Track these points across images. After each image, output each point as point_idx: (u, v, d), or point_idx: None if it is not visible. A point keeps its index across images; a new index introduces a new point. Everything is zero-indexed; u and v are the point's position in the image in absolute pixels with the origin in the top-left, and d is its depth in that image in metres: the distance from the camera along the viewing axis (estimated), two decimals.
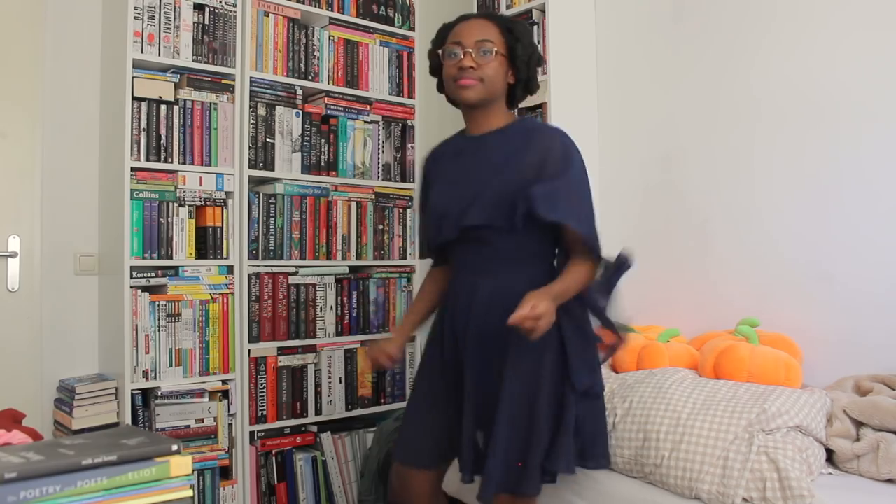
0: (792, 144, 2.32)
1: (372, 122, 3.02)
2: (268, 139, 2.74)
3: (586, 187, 1.74)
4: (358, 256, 2.95)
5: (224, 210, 2.63)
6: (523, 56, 1.77)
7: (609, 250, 2.89)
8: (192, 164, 2.57)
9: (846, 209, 2.19)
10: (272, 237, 2.74)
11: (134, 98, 2.44)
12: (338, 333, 2.88)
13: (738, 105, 2.46)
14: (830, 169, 2.22)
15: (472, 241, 1.76)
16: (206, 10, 2.60)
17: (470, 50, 1.73)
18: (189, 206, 2.56)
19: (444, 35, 1.83)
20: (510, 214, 1.67)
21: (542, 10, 2.76)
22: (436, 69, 1.87)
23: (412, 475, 1.86)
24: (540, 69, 1.88)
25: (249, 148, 2.69)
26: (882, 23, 2.12)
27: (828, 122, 2.23)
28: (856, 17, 2.17)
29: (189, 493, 1.03)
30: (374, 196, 3.01)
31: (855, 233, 2.16)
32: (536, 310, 1.49)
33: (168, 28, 2.51)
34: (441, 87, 1.88)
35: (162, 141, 2.50)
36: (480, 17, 1.83)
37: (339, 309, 2.89)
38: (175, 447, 1.03)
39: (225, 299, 2.62)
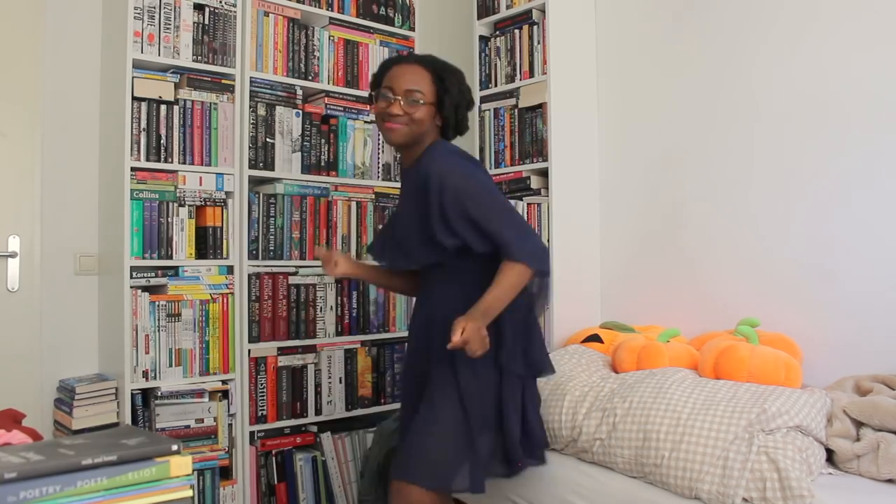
0: (792, 145, 2.32)
1: (372, 122, 3.02)
2: (268, 139, 2.74)
3: (486, 198, 1.84)
4: (358, 256, 2.95)
5: (224, 210, 2.63)
6: (450, 106, 1.92)
7: (610, 250, 2.90)
8: (192, 164, 2.57)
9: (846, 209, 2.19)
10: (272, 237, 2.74)
11: (134, 98, 2.44)
12: (338, 333, 2.88)
13: (739, 105, 2.46)
14: (831, 169, 2.22)
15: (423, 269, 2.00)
16: (206, 10, 2.60)
17: (399, 98, 1.86)
18: (189, 206, 2.56)
19: (381, 74, 1.95)
20: (428, 251, 1.87)
21: (542, 10, 2.77)
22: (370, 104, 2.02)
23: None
24: (470, 111, 2.02)
25: (249, 148, 2.69)
26: (883, 23, 2.12)
27: (827, 122, 2.23)
28: (856, 17, 2.17)
29: (189, 493, 1.03)
30: (374, 196, 3.01)
31: (855, 233, 2.16)
32: (465, 334, 1.66)
33: (168, 28, 2.51)
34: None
35: (162, 141, 2.50)
36: (414, 62, 1.92)
37: (339, 309, 2.89)
38: (175, 447, 1.03)
39: (225, 299, 2.62)
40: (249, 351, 2.66)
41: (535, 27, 2.79)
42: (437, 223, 1.81)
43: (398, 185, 3.07)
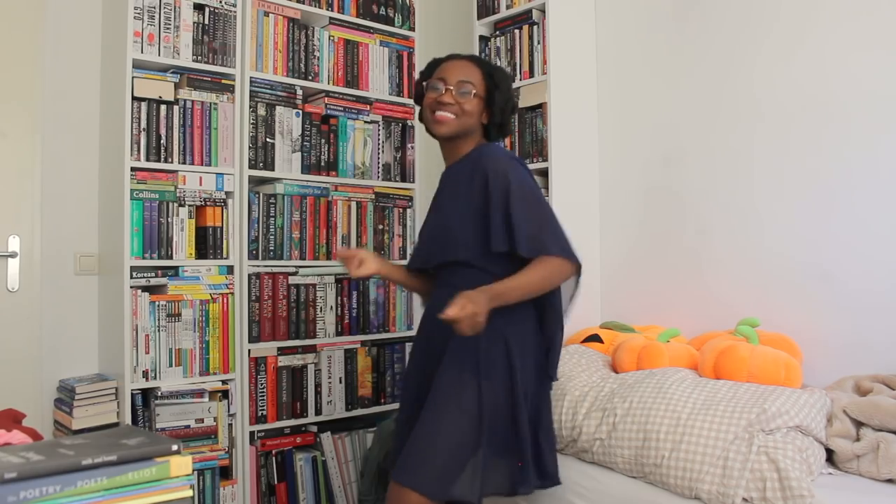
0: (792, 145, 2.32)
1: (372, 122, 3.03)
2: (268, 139, 2.74)
3: (536, 202, 1.83)
4: None
5: (224, 210, 2.63)
6: (500, 102, 1.92)
7: (610, 250, 2.91)
8: (192, 164, 2.57)
9: (847, 209, 2.19)
10: (272, 237, 2.74)
11: (134, 98, 2.44)
12: (338, 333, 2.88)
13: (739, 106, 2.46)
14: (831, 169, 2.22)
15: (445, 267, 1.92)
16: (206, 10, 2.60)
17: (451, 87, 1.87)
18: (189, 206, 2.56)
19: (432, 69, 1.96)
20: (472, 248, 1.83)
21: (542, 10, 2.77)
22: (420, 98, 1.98)
23: None
24: (514, 116, 2.08)
25: (249, 148, 2.69)
26: (883, 23, 2.12)
27: (827, 122, 2.23)
28: (856, 17, 2.17)
29: (189, 493, 1.03)
30: (374, 196, 3.01)
31: (855, 233, 2.16)
32: (465, 310, 1.60)
33: (168, 28, 2.51)
34: (422, 117, 1.99)
35: (162, 141, 2.50)
36: (467, 59, 1.95)
37: (339, 309, 2.89)
38: (175, 447, 1.03)
39: (225, 299, 2.62)
40: (249, 351, 2.66)
41: (535, 27, 2.79)
42: (496, 220, 1.77)
43: (398, 185, 3.07)
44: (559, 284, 1.83)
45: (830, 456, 1.79)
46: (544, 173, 2.74)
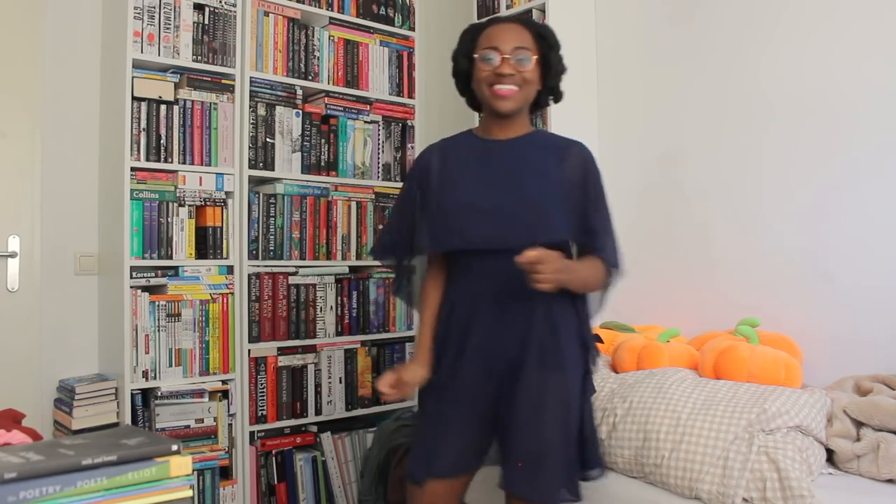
0: (792, 143, 2.31)
1: (372, 122, 3.03)
2: (268, 139, 2.74)
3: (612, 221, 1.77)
4: (358, 256, 2.95)
5: (224, 210, 2.63)
6: (557, 65, 1.74)
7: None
8: (192, 164, 2.57)
9: (847, 209, 2.19)
10: (272, 237, 2.74)
11: (134, 98, 2.44)
12: (338, 333, 2.88)
13: (739, 105, 2.46)
14: (831, 168, 2.22)
15: (501, 251, 1.61)
16: (206, 9, 2.60)
17: (508, 56, 1.65)
18: (189, 206, 2.56)
19: (474, 37, 1.72)
20: (566, 233, 1.68)
21: (542, 10, 2.76)
22: (462, 72, 1.76)
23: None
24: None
25: (249, 148, 2.69)
26: (887, 22, 2.12)
27: (828, 120, 2.23)
28: (860, 15, 2.17)
29: (189, 493, 1.03)
30: (374, 196, 3.01)
31: (856, 233, 2.16)
32: (547, 262, 1.47)
33: (168, 28, 2.51)
34: (464, 90, 1.80)
35: (162, 141, 2.50)
36: (515, 22, 1.73)
37: (339, 309, 2.89)
38: (175, 447, 1.03)
39: (225, 299, 2.62)
40: (249, 351, 2.66)
41: None
42: (591, 208, 1.71)
43: (398, 185, 3.07)
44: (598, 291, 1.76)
45: (830, 456, 1.79)
46: None
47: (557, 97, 1.83)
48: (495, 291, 1.65)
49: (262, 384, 2.69)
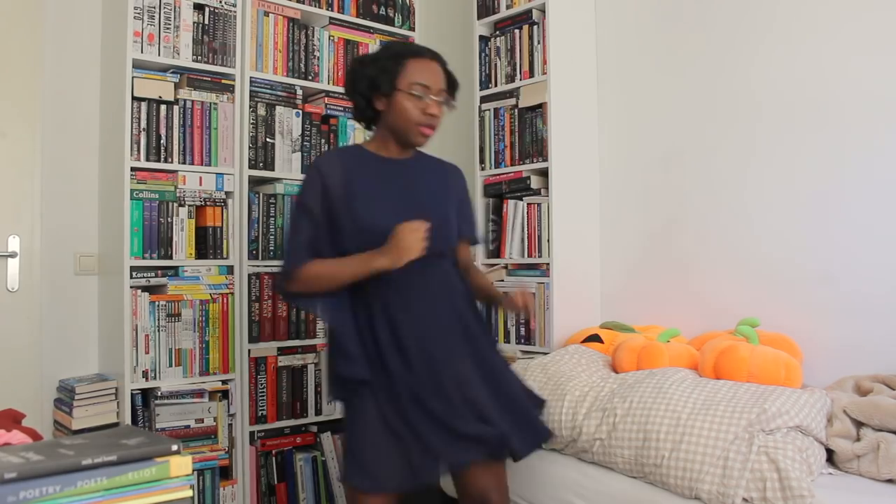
0: (793, 145, 2.32)
1: None
2: (268, 139, 2.74)
3: None
4: None
5: (224, 210, 2.63)
6: (455, 103, 1.90)
7: (610, 250, 2.91)
8: (192, 164, 2.57)
9: (847, 209, 2.19)
10: (272, 237, 2.74)
11: (134, 98, 2.44)
12: None
13: (740, 105, 2.46)
14: (832, 170, 2.22)
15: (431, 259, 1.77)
16: (206, 10, 2.60)
17: (436, 98, 1.79)
18: (189, 206, 2.56)
19: (399, 62, 1.79)
20: (453, 239, 1.91)
21: (542, 10, 2.77)
22: (373, 89, 1.80)
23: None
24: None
25: (249, 148, 2.69)
26: (883, 23, 2.12)
27: (829, 123, 2.23)
28: (856, 17, 2.17)
29: (189, 493, 1.03)
30: None
31: (856, 233, 2.16)
32: (531, 301, 1.87)
33: (168, 28, 2.51)
34: (365, 103, 1.84)
35: (162, 141, 2.50)
36: (435, 60, 1.84)
37: None
38: (175, 447, 1.03)
39: (225, 299, 2.62)
40: (249, 351, 2.66)
41: (535, 27, 2.79)
42: (469, 216, 2.01)
43: None
44: None
45: (830, 456, 1.79)
46: (544, 173, 2.74)
47: None
48: (416, 295, 1.78)
49: (262, 384, 2.69)
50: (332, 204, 1.78)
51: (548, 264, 2.69)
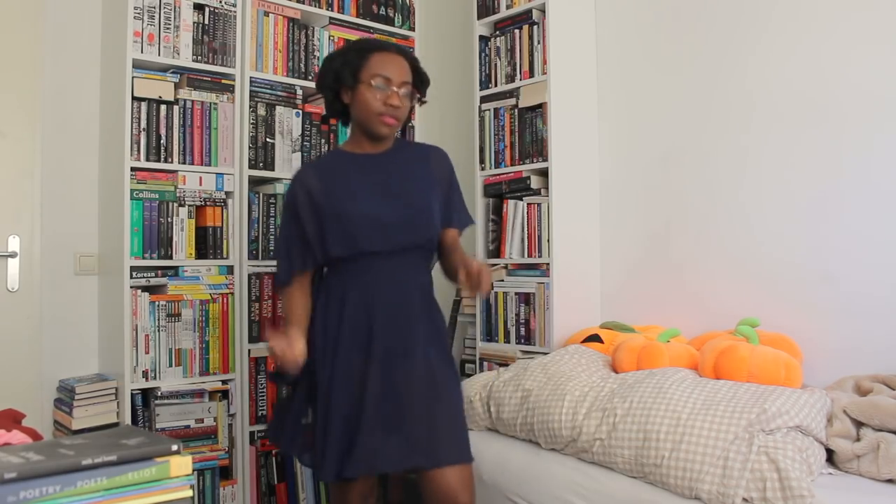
0: (793, 145, 2.32)
1: None
2: (268, 139, 2.74)
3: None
4: None
5: (224, 210, 2.63)
6: (423, 97, 1.97)
7: (610, 250, 2.91)
8: (192, 164, 2.57)
9: (847, 210, 2.19)
10: (272, 237, 2.74)
11: (134, 98, 2.44)
12: None
13: (740, 105, 2.46)
14: (832, 169, 2.22)
15: (396, 251, 1.86)
16: (206, 10, 2.60)
17: (397, 89, 1.84)
18: (189, 206, 2.56)
19: (361, 57, 1.86)
20: (435, 227, 1.90)
21: (542, 10, 2.76)
22: (337, 84, 1.89)
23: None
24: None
25: (249, 148, 2.69)
26: (882, 23, 2.12)
27: (828, 123, 2.23)
28: (854, 16, 2.17)
29: (189, 493, 1.03)
30: None
31: (856, 233, 2.16)
32: (485, 272, 1.74)
33: (168, 28, 2.51)
34: (331, 98, 1.93)
35: (162, 141, 2.50)
36: (400, 54, 1.90)
37: None
38: (175, 447, 1.03)
39: (225, 299, 2.62)
40: (249, 351, 2.66)
41: (535, 27, 2.79)
42: (456, 202, 1.97)
43: None
44: None
45: (830, 456, 1.79)
46: (544, 173, 2.74)
47: (409, 121, 2.10)
48: (390, 285, 1.85)
49: (262, 384, 2.68)
50: (316, 208, 1.87)
51: (548, 264, 2.69)
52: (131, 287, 2.43)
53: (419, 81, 1.93)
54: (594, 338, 2.49)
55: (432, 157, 1.97)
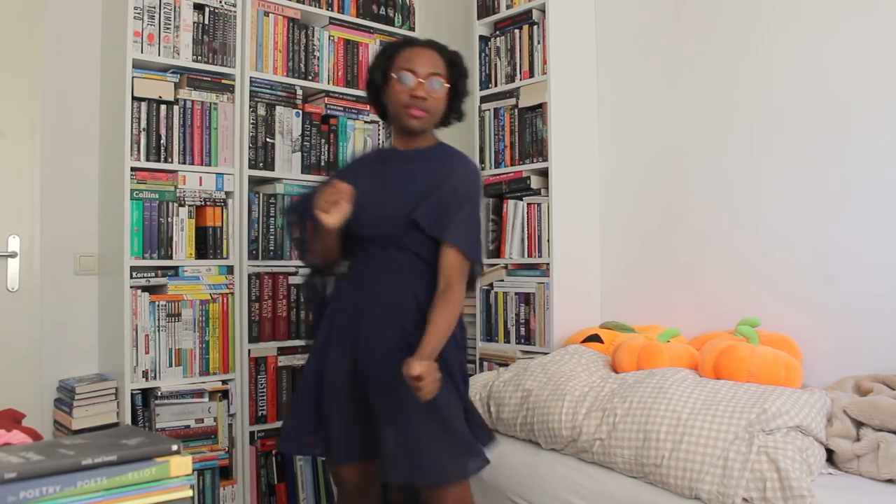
0: (793, 145, 2.32)
1: (372, 122, 3.02)
2: (268, 139, 2.74)
3: (477, 220, 1.88)
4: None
5: (224, 210, 2.63)
6: (462, 90, 1.92)
7: (610, 250, 2.90)
8: (192, 164, 2.57)
9: (847, 210, 2.19)
10: (272, 237, 2.74)
11: (134, 98, 2.44)
12: None
13: (740, 105, 2.46)
14: (832, 170, 2.22)
15: (381, 244, 1.86)
16: (206, 9, 2.60)
17: (423, 81, 1.82)
18: (189, 206, 2.56)
19: (391, 55, 1.88)
20: (409, 225, 1.81)
21: (542, 10, 2.77)
22: (375, 85, 1.92)
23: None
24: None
25: (249, 148, 2.69)
26: (884, 23, 2.12)
27: (829, 123, 2.23)
28: (856, 16, 2.17)
29: (189, 493, 1.03)
30: None
31: (856, 233, 2.16)
32: (427, 375, 1.56)
33: (168, 28, 2.51)
34: (373, 100, 1.97)
35: (162, 141, 2.50)
36: (430, 47, 1.89)
37: None
38: (175, 447, 1.03)
39: (225, 299, 2.62)
40: (249, 351, 2.66)
41: (535, 27, 2.79)
42: (444, 207, 1.81)
43: None
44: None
45: (830, 456, 1.79)
46: (544, 173, 2.74)
47: (460, 117, 1.99)
48: (374, 278, 1.86)
49: (262, 384, 2.69)
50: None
51: (548, 264, 2.69)
52: (131, 287, 2.42)
53: (457, 74, 1.89)
54: (594, 338, 2.49)
55: (444, 163, 1.87)
